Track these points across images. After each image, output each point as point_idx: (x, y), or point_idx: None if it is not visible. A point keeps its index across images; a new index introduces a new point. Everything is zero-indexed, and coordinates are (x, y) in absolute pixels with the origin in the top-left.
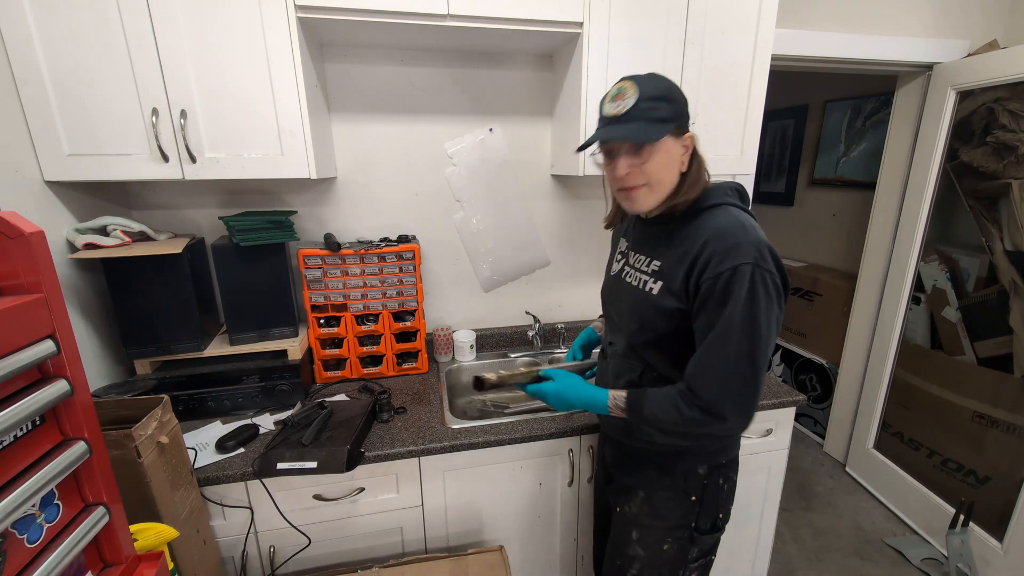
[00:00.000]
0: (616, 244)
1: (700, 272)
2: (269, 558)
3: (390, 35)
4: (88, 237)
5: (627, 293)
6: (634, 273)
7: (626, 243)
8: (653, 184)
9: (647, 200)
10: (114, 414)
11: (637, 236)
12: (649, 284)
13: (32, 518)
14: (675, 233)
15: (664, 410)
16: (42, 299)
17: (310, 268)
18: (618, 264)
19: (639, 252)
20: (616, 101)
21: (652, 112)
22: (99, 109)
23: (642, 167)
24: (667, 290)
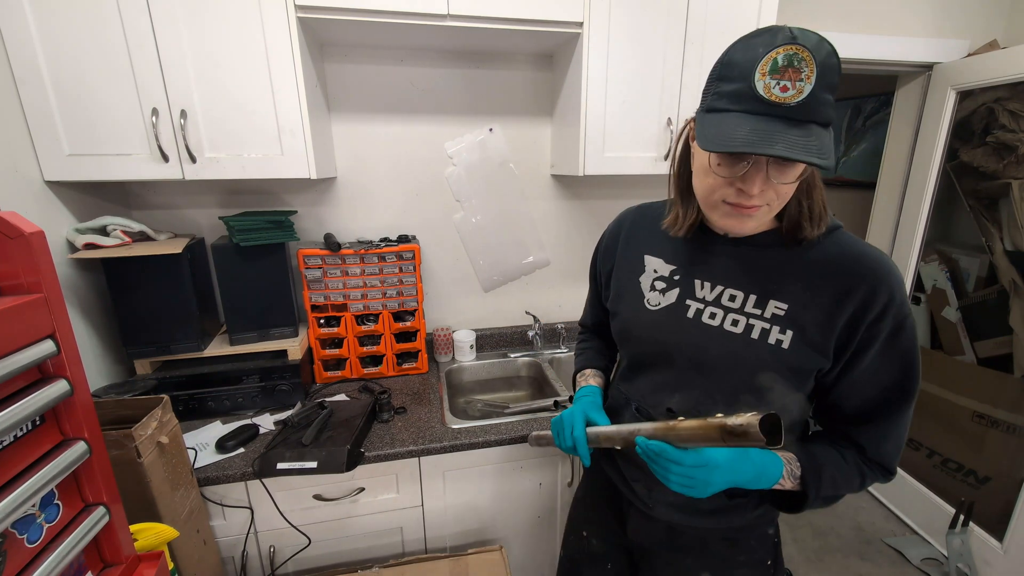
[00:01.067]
0: (635, 260)
1: (859, 318)
2: (269, 558)
3: (390, 35)
4: (88, 237)
5: (719, 343)
6: (727, 315)
7: (672, 266)
8: (773, 208)
9: (755, 225)
10: (114, 414)
11: (704, 259)
12: (773, 334)
13: (32, 518)
14: (790, 262)
15: (847, 480)
16: (42, 299)
17: (310, 268)
18: (668, 295)
19: (724, 285)
20: (787, 78)
21: (826, 109)
22: (99, 109)
23: (779, 189)
24: (805, 343)
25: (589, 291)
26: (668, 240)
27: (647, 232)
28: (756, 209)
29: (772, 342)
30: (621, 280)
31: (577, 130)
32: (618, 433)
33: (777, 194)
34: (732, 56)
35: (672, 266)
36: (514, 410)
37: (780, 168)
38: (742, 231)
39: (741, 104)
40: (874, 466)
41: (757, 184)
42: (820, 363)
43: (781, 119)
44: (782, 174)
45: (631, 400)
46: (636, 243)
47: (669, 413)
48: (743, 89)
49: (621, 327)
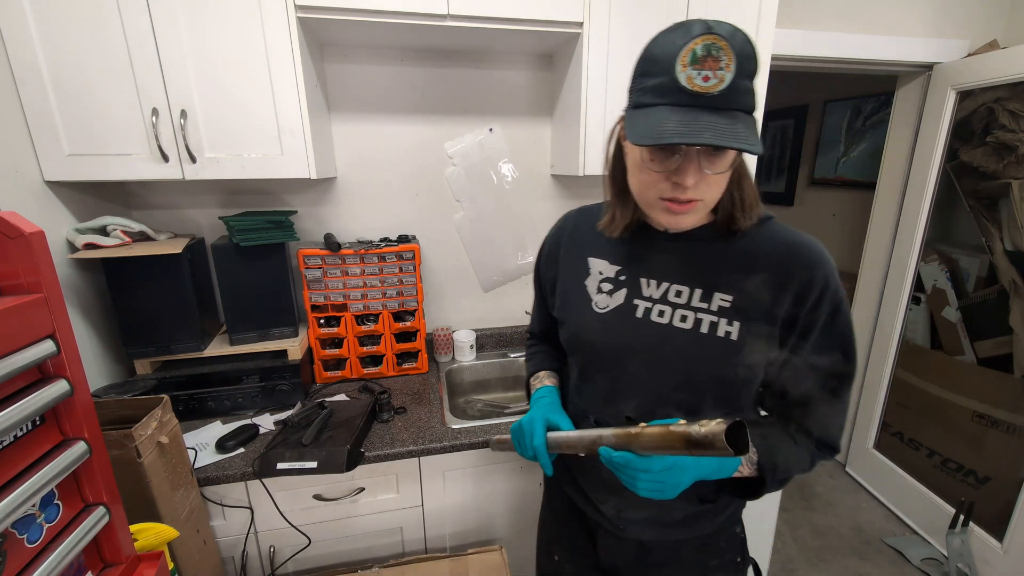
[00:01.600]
0: (579, 263)
1: (799, 304)
2: (269, 558)
3: (390, 35)
4: (88, 237)
5: (671, 340)
6: (675, 311)
7: (617, 267)
8: (708, 201)
9: (692, 219)
10: (114, 414)
11: (647, 257)
12: (722, 326)
13: (32, 518)
14: (730, 254)
15: (798, 462)
16: (42, 299)
17: (310, 268)
18: (616, 296)
19: (669, 281)
20: (707, 68)
21: (748, 97)
22: (99, 109)
23: (711, 180)
24: (752, 333)
25: (535, 299)
26: (611, 241)
27: (589, 234)
28: (693, 204)
29: (721, 334)
30: (566, 285)
31: (577, 130)
32: (580, 440)
33: (711, 185)
34: (652, 51)
35: (617, 267)
36: (514, 410)
37: (711, 158)
38: (680, 226)
39: (666, 97)
40: (822, 446)
41: (690, 176)
42: (768, 352)
43: (706, 109)
44: (713, 164)
45: (589, 412)
46: (579, 246)
47: (628, 421)
48: (666, 82)
49: (571, 333)
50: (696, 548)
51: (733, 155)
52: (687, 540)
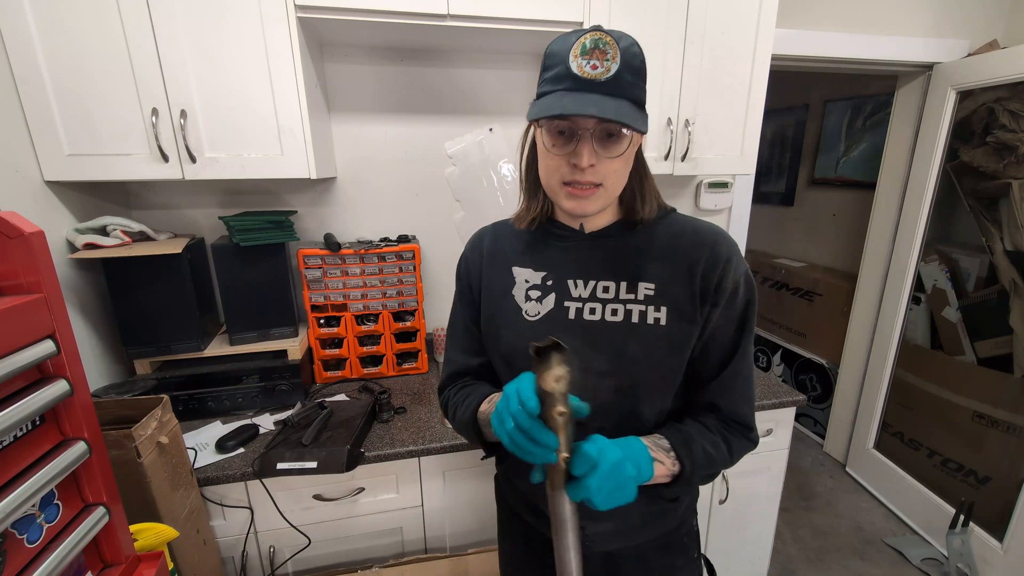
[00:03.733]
0: (503, 274)
1: (707, 282)
2: (269, 558)
3: (390, 35)
4: (88, 237)
5: (606, 335)
6: (606, 306)
7: (542, 272)
8: (609, 188)
9: (595, 205)
10: (114, 414)
11: (569, 259)
12: (651, 314)
13: (32, 518)
14: (645, 245)
15: (715, 446)
16: (42, 299)
17: (310, 268)
18: (545, 301)
19: (596, 279)
20: (595, 58)
21: (635, 90)
22: (99, 109)
23: (606, 162)
24: (678, 316)
25: (455, 333)
26: (531, 249)
27: (508, 245)
28: (593, 190)
29: (651, 322)
30: (494, 298)
31: None
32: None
33: (610, 172)
34: (551, 48)
35: (542, 272)
36: None
37: (605, 142)
38: (585, 211)
39: (561, 84)
40: (734, 427)
41: (585, 156)
42: (692, 331)
43: (596, 93)
44: (607, 147)
45: None
46: (501, 258)
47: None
48: (561, 71)
49: (506, 347)
50: (661, 548)
51: (627, 141)
52: (651, 541)
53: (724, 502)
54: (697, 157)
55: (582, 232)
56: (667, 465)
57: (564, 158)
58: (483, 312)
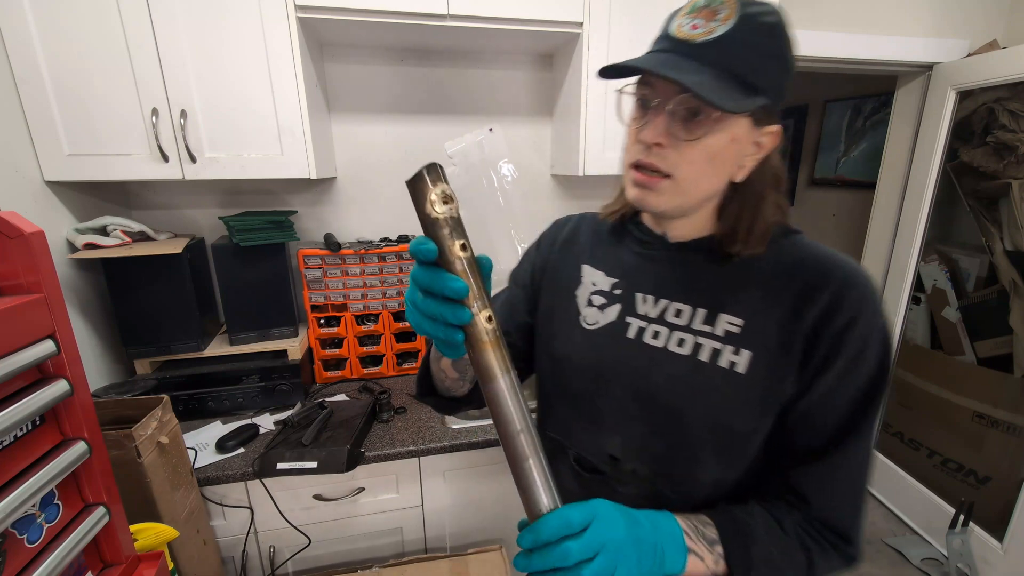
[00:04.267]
0: (571, 270)
1: (820, 331)
2: (269, 558)
3: (390, 35)
4: (88, 237)
5: (663, 367)
6: (672, 333)
7: (613, 279)
8: (681, 183)
9: (661, 200)
10: (114, 414)
11: (646, 269)
12: (726, 355)
13: (32, 518)
14: (738, 268)
15: (786, 554)
16: (42, 299)
17: (310, 268)
18: (608, 311)
19: (668, 297)
20: (700, 17)
21: (747, 61)
22: (99, 109)
23: (683, 148)
24: (765, 364)
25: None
26: (607, 249)
27: (587, 240)
28: (657, 180)
29: (724, 365)
30: (556, 293)
31: (577, 130)
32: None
33: (684, 160)
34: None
35: (613, 279)
36: None
37: (687, 123)
38: (645, 204)
39: (655, 46)
40: (824, 534)
41: (650, 129)
42: (783, 390)
43: (686, 56)
44: (685, 126)
45: (568, 448)
46: (574, 251)
47: (612, 462)
48: (660, 33)
49: (553, 350)
50: None
51: (710, 124)
52: None
53: None
54: None
55: (665, 240)
56: (707, 563)
57: (636, 130)
58: (541, 304)
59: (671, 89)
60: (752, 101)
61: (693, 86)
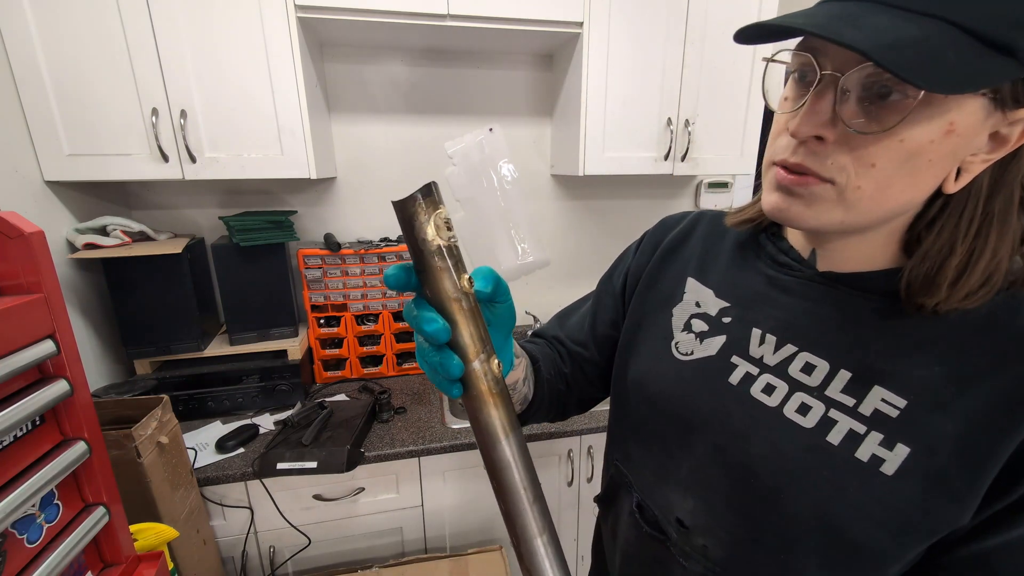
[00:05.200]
0: (671, 281)
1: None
2: (269, 558)
3: (390, 35)
4: (88, 237)
5: (771, 435)
6: (794, 393)
7: (723, 303)
8: (851, 191)
9: (812, 214)
10: (114, 414)
11: (772, 300)
12: (870, 445)
13: (32, 518)
14: (918, 323)
15: None
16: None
17: (310, 268)
18: (708, 343)
19: (799, 344)
20: None
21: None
22: (99, 109)
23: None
24: (931, 473)
25: (589, 304)
26: (729, 265)
27: (700, 246)
28: (812, 183)
29: (863, 457)
30: (645, 306)
31: (577, 130)
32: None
33: (858, 161)
34: None
35: (724, 302)
36: None
37: (866, 106)
38: (787, 218)
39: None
40: None
41: (806, 119)
42: (950, 516)
43: (885, 4)
44: (865, 114)
45: (633, 488)
46: (680, 258)
47: (679, 527)
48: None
49: (635, 377)
50: None
51: (910, 105)
52: None
53: None
54: (697, 157)
55: (811, 266)
56: None
57: (785, 120)
58: (628, 317)
59: (846, 56)
60: (994, 70)
61: (876, 53)
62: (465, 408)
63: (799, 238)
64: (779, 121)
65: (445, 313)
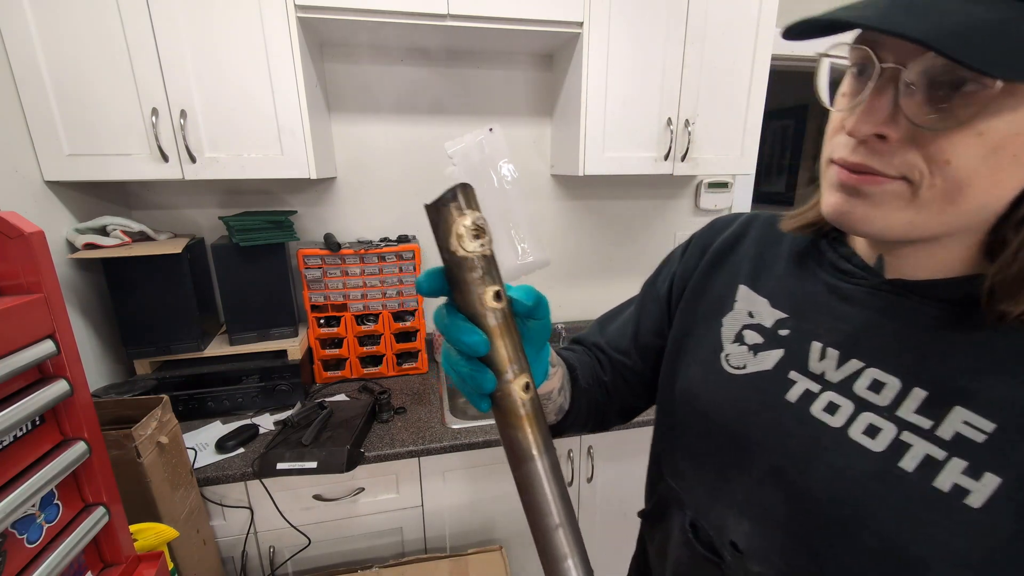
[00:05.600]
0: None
1: None
2: (269, 558)
3: (390, 35)
4: (88, 237)
5: (836, 459)
6: (861, 413)
7: (780, 313)
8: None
9: (880, 216)
10: (114, 414)
11: (835, 311)
12: (951, 473)
13: (32, 518)
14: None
15: None
16: (42, 299)
17: (310, 268)
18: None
19: (866, 360)
20: None
21: None
22: (99, 109)
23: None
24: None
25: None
26: (785, 272)
27: (753, 251)
28: (878, 181)
29: (944, 487)
30: (693, 315)
31: (577, 130)
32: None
33: (925, 159)
34: None
35: (780, 313)
36: None
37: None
38: (849, 223)
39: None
40: None
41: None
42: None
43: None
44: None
45: (686, 506)
46: (730, 264)
47: (734, 551)
48: None
49: (683, 390)
50: None
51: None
52: None
53: None
54: (697, 157)
55: (878, 273)
56: None
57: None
58: (675, 325)
59: (908, 47)
60: None
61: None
62: (497, 426)
63: (864, 243)
64: (835, 118)
65: (476, 324)
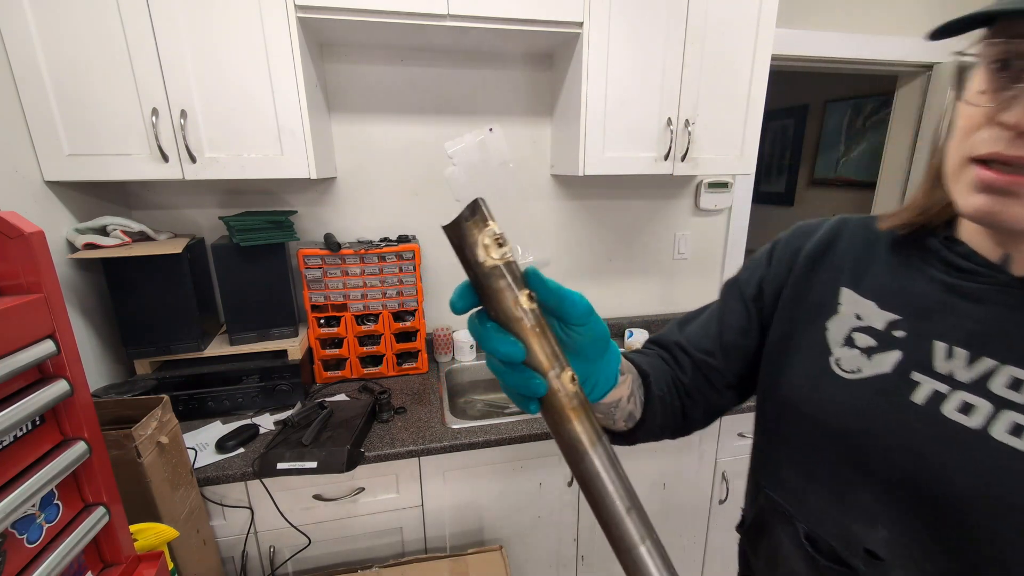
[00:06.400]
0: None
1: None
2: (269, 558)
3: (390, 35)
4: (88, 237)
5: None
6: (1001, 413)
7: (891, 315)
8: None
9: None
10: (114, 414)
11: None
12: None
13: (32, 518)
14: None
15: None
16: (42, 299)
17: (310, 268)
18: (879, 359)
19: (998, 357)
20: None
21: None
22: (99, 109)
23: None
24: None
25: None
26: (889, 272)
27: (850, 253)
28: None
29: None
30: (794, 321)
31: (577, 130)
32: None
33: None
34: None
35: (891, 314)
36: (515, 409)
37: None
38: (1002, 221)
39: None
40: None
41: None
42: None
43: None
44: None
45: (795, 519)
46: (827, 268)
47: (871, 559)
48: None
49: (788, 396)
50: None
51: None
52: None
53: (724, 502)
54: (697, 157)
55: (1003, 271)
56: None
57: (990, 116)
58: (773, 331)
59: None
60: None
61: None
62: (545, 422)
63: (983, 241)
64: (973, 115)
65: (510, 332)
